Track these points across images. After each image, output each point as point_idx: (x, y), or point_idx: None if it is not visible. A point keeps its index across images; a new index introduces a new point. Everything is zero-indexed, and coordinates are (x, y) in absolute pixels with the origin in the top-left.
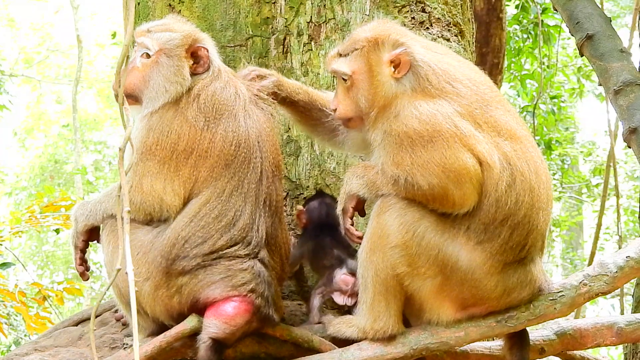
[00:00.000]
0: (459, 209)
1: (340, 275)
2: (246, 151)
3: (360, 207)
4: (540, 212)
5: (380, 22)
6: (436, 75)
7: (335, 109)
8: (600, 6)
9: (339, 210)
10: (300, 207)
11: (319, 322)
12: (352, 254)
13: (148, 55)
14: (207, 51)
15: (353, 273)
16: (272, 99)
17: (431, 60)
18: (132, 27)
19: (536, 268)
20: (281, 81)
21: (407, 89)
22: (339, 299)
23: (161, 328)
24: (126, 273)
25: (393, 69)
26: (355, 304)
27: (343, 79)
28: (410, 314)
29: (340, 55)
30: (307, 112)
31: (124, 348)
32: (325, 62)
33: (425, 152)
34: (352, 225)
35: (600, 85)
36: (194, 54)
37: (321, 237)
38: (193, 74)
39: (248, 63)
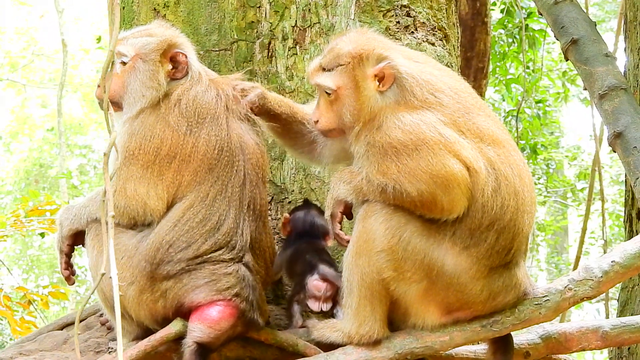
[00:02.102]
0: (448, 214)
1: (313, 282)
2: (229, 155)
3: (348, 211)
4: (525, 215)
5: (361, 32)
6: (420, 87)
7: (317, 121)
8: (585, 10)
9: (327, 215)
10: (287, 214)
11: (303, 326)
12: (327, 260)
13: (125, 62)
14: (186, 56)
15: (325, 279)
16: (256, 111)
17: (414, 71)
18: (117, 31)
19: (521, 272)
20: (265, 94)
21: (391, 102)
22: (314, 306)
23: (146, 332)
24: (110, 277)
25: (377, 83)
26: (333, 307)
27: (327, 92)
28: (395, 319)
29: (324, 69)
30: (288, 125)
31: (109, 352)
32: (308, 74)
33: (411, 160)
34: (341, 229)
35: (585, 89)
36: (173, 59)
37: (299, 244)
38: (172, 79)
39: (233, 68)
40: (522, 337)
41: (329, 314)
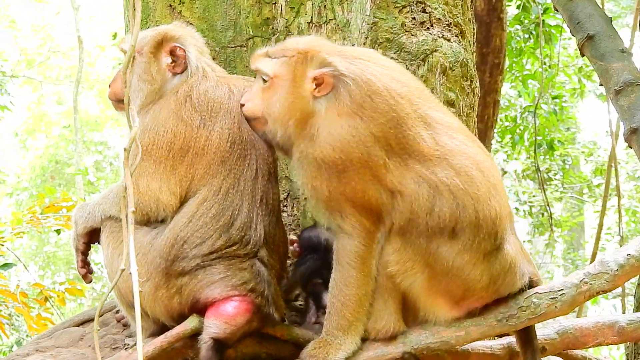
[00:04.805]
0: (375, 231)
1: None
2: (241, 148)
3: None
4: (490, 199)
5: (317, 38)
6: (359, 89)
7: (243, 105)
8: (601, 6)
9: None
10: (293, 237)
11: (317, 322)
12: None
13: None
14: (184, 50)
15: None
16: None
17: (355, 73)
18: (138, 27)
19: (512, 249)
20: None
21: (323, 108)
22: None
23: (162, 329)
24: (130, 273)
25: (314, 87)
26: None
27: (263, 79)
28: (407, 316)
29: (269, 56)
30: None
31: (125, 348)
32: (251, 58)
33: (339, 183)
34: None
35: (601, 85)
36: (172, 53)
37: (312, 260)
38: (173, 73)
39: (248, 64)
40: (538, 332)
41: None
